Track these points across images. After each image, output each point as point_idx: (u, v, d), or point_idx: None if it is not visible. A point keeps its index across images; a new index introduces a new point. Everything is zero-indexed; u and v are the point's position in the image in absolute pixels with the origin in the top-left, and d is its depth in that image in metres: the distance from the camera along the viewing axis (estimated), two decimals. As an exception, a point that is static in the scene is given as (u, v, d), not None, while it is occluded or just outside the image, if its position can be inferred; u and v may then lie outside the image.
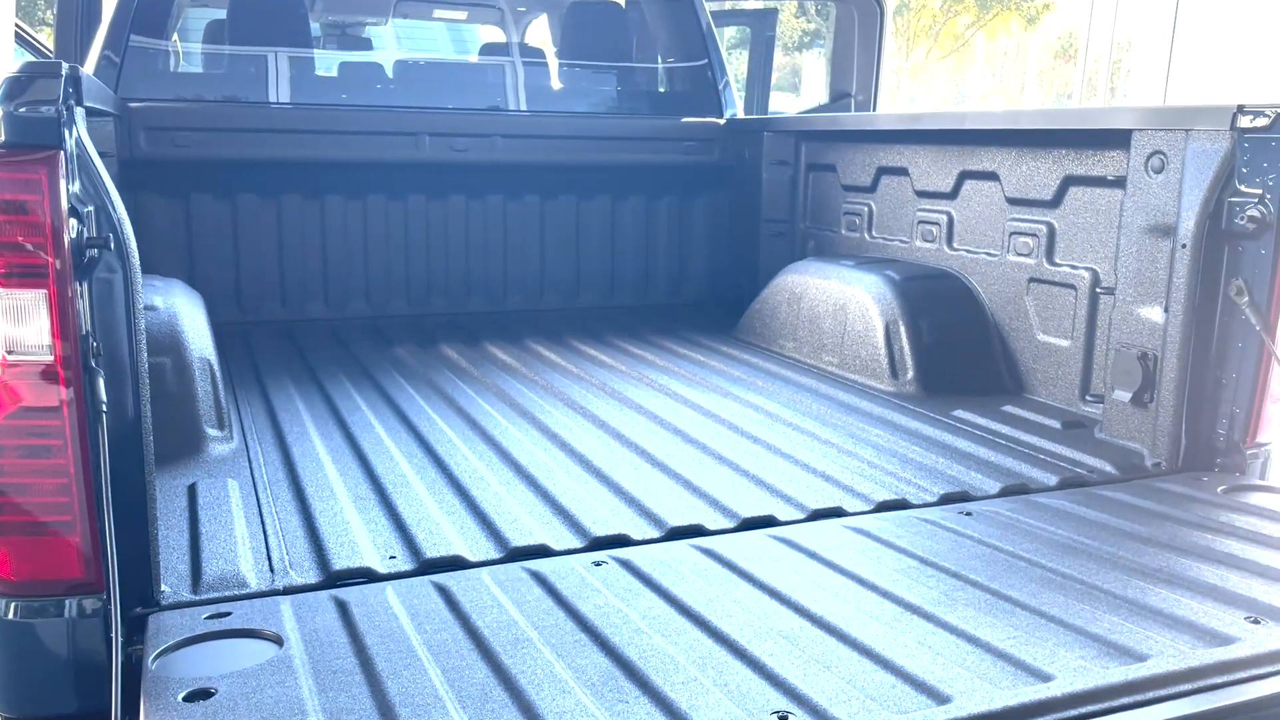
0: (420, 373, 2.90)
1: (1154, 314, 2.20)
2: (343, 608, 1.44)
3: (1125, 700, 1.23)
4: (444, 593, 1.50)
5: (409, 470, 2.05)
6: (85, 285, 1.34)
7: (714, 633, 1.39)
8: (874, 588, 1.54)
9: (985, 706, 1.19)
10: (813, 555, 1.66)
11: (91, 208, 1.37)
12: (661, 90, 4.20)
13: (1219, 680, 1.29)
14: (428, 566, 1.61)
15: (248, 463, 2.07)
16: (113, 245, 1.35)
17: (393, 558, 1.64)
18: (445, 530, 1.74)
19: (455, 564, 1.62)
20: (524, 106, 3.85)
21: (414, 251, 3.61)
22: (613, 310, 3.82)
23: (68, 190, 1.32)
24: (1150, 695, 1.24)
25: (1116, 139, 2.33)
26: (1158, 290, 2.19)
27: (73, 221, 1.32)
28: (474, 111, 3.64)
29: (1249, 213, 1.99)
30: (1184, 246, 2.09)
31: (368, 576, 1.57)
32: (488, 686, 1.24)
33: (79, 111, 1.38)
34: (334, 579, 1.55)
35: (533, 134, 3.62)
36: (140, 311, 1.42)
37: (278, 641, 1.34)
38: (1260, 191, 1.98)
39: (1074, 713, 1.20)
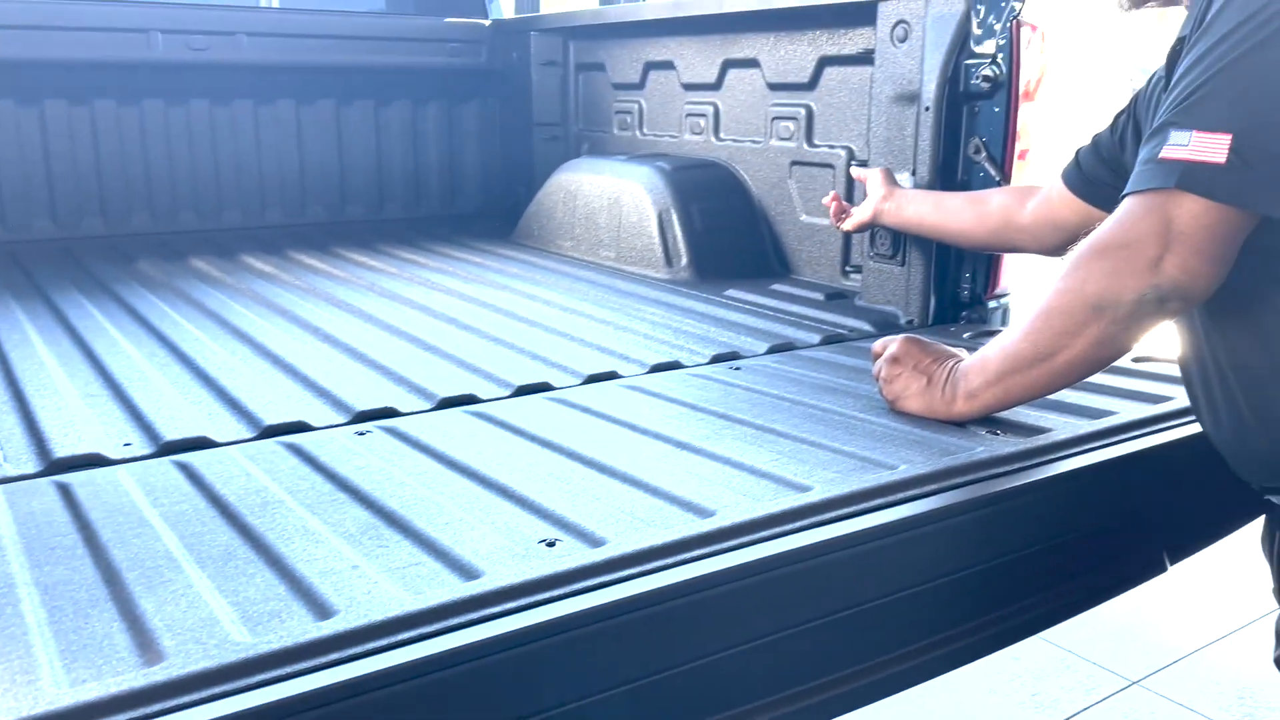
0: (165, 283, 2.67)
1: (903, 179, 2.30)
2: (65, 490, 1.30)
3: (877, 501, 1.28)
4: (185, 469, 1.38)
5: (148, 367, 1.88)
6: None
7: (482, 480, 1.34)
8: (645, 431, 1.53)
9: (748, 515, 1.20)
10: (587, 410, 1.64)
11: None
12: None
13: (961, 480, 1.36)
14: (168, 449, 1.47)
15: (-46, 370, 1.83)
16: None
17: (128, 444, 1.49)
18: (189, 416, 1.60)
19: (201, 445, 1.49)
20: (275, 3, 3.57)
21: (154, 162, 3.29)
22: (383, 223, 3.65)
23: None
24: (899, 496, 1.30)
25: (864, 14, 2.40)
26: (905, 156, 2.29)
27: None
28: (213, 7, 3.34)
29: (983, 72, 2.10)
30: (927, 110, 2.19)
31: (98, 463, 1.42)
32: (232, 547, 1.14)
33: None
34: (57, 467, 1.39)
35: (282, 32, 3.37)
36: None
37: (-18, 526, 1.18)
38: (992, 51, 2.09)
39: (830, 514, 1.23)
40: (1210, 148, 1.11)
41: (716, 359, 1.98)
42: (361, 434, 1.54)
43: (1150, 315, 1.25)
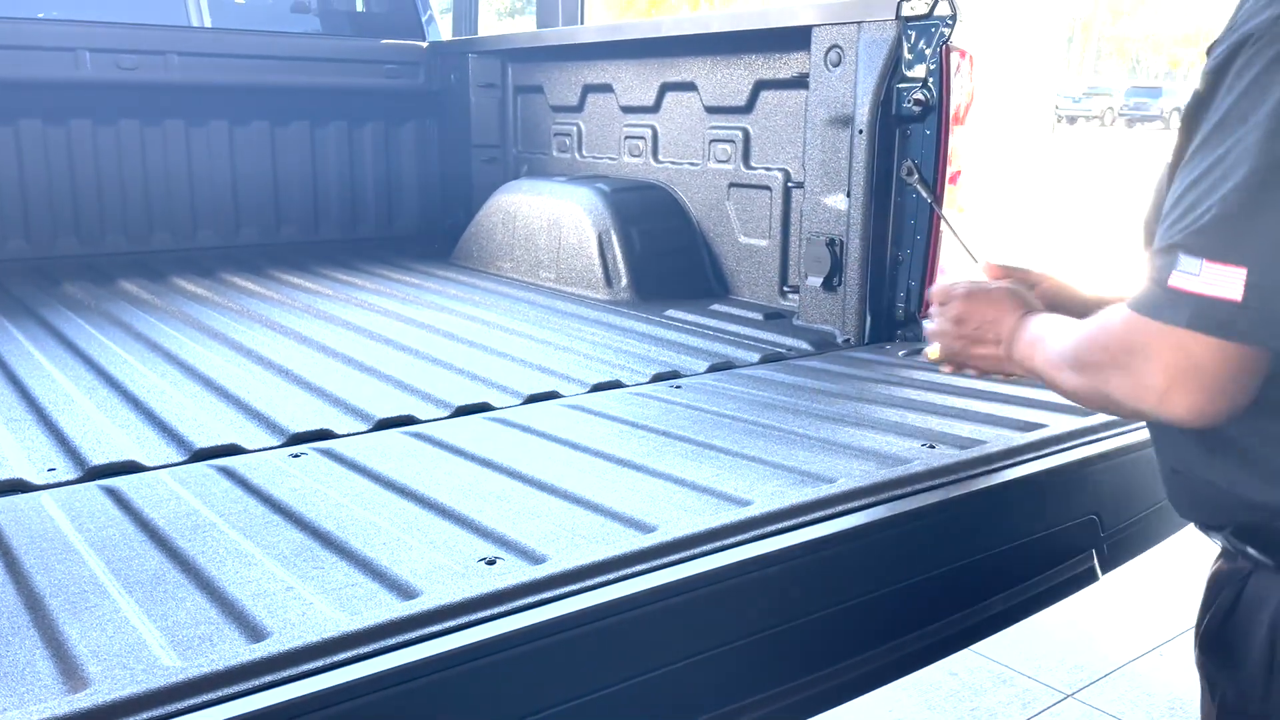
0: (92, 306, 2.60)
1: (838, 202, 2.34)
2: (-16, 517, 1.25)
3: (816, 515, 1.29)
4: (113, 494, 1.34)
5: (74, 390, 1.82)
6: None
7: (420, 500, 1.33)
8: (586, 449, 1.53)
9: (689, 530, 1.20)
10: (527, 429, 1.63)
11: None
12: (360, 10, 4.00)
13: (899, 493, 1.38)
14: (95, 474, 1.43)
15: None
16: None
17: (52, 470, 1.45)
18: (117, 440, 1.56)
19: (129, 469, 1.45)
20: (208, 22, 3.51)
21: (82, 183, 3.21)
22: (318, 244, 3.60)
23: None
24: (839, 509, 1.31)
25: (799, 39, 2.44)
26: (840, 179, 2.33)
27: None
28: (142, 26, 3.27)
29: (914, 96, 2.15)
30: (861, 133, 2.23)
31: (20, 489, 1.37)
32: (161, 571, 1.11)
33: None
34: (-25, 493, 1.34)
35: (214, 52, 3.32)
36: None
37: (-105, 554, 1.14)
38: (923, 76, 2.14)
39: (771, 528, 1.24)
40: (1223, 282, 0.95)
41: (657, 378, 1.99)
42: (296, 456, 1.51)
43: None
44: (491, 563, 1.13)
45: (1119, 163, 20.09)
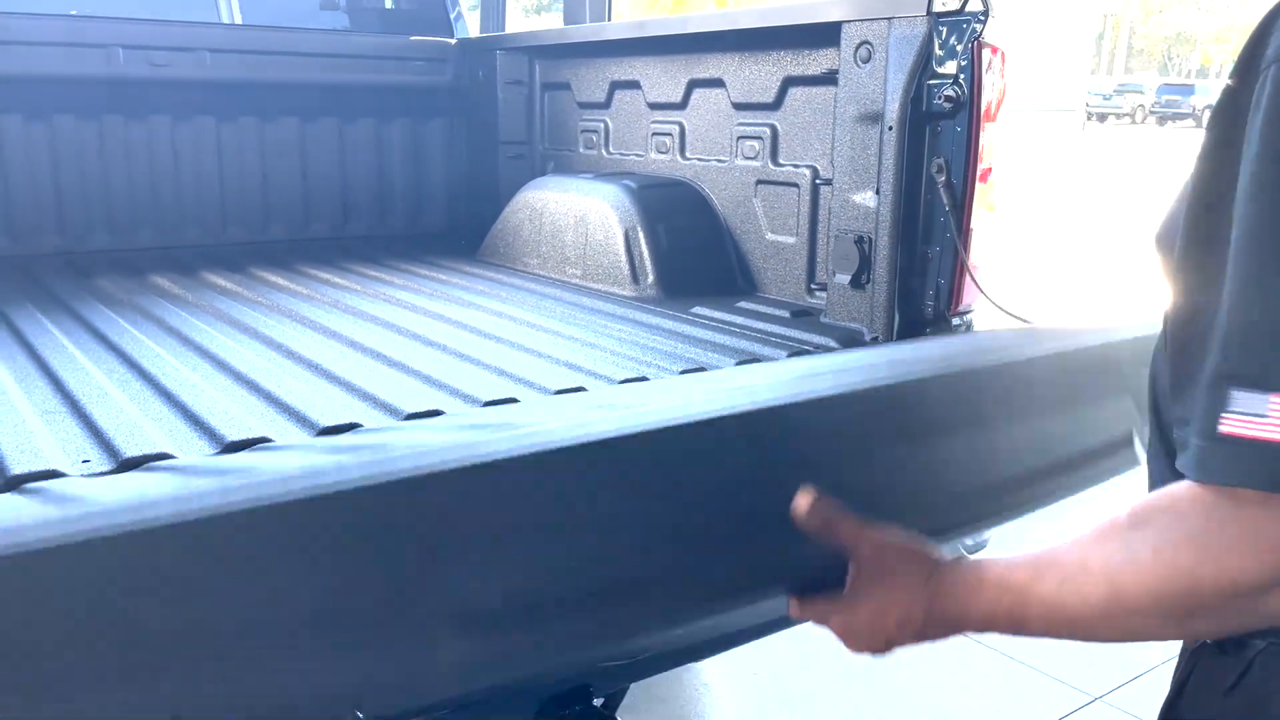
0: (125, 300, 2.63)
1: (867, 199, 2.33)
2: (20, 508, 1.27)
3: (848, 513, 1.28)
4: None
5: (107, 383, 1.84)
6: None
7: (449, 494, 1.33)
8: (613, 446, 1.53)
9: (719, 527, 1.20)
10: (553, 426, 1.64)
11: None
12: (388, 7, 4.02)
13: (930, 492, 1.37)
14: (128, 466, 1.44)
15: (-96, 387, 1.79)
16: None
17: (86, 461, 1.46)
18: (150, 433, 1.57)
19: (162, 461, 1.47)
20: (238, 19, 3.54)
21: (114, 178, 3.25)
22: (346, 240, 3.62)
23: None
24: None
25: (828, 35, 2.43)
26: (870, 176, 2.32)
27: None
28: (174, 23, 3.31)
29: (945, 93, 2.13)
30: (890, 130, 2.22)
31: (55, 479, 1.39)
32: (195, 562, 1.12)
33: None
34: (13, 483, 1.36)
35: (245, 49, 3.35)
36: None
37: (-66, 543, 1.15)
38: (954, 72, 2.12)
39: (802, 526, 1.23)
40: None
41: (684, 373, 1.99)
42: (326, 449, 1.52)
43: None
44: (521, 558, 1.13)
45: (1150, 161, 19.84)
